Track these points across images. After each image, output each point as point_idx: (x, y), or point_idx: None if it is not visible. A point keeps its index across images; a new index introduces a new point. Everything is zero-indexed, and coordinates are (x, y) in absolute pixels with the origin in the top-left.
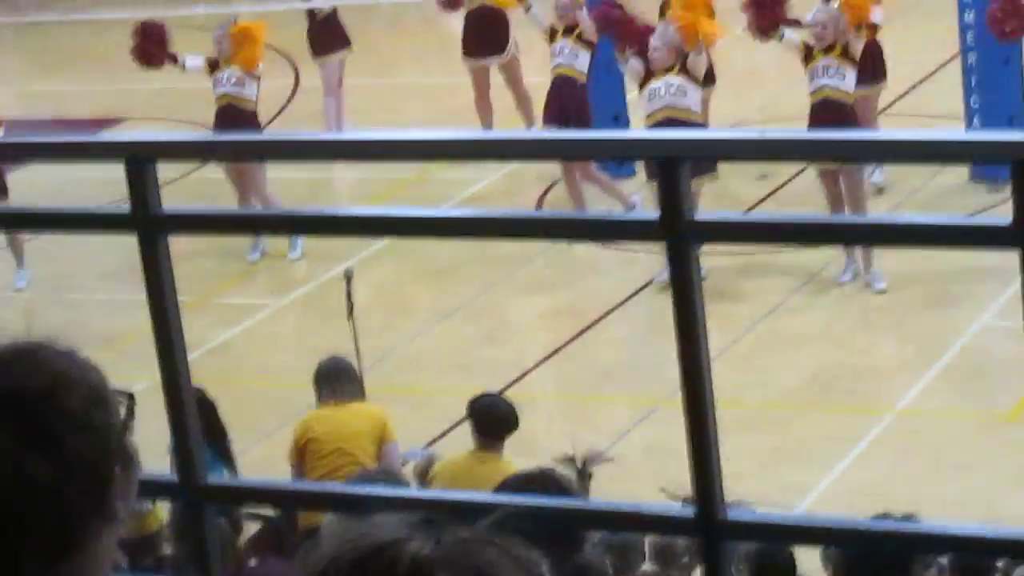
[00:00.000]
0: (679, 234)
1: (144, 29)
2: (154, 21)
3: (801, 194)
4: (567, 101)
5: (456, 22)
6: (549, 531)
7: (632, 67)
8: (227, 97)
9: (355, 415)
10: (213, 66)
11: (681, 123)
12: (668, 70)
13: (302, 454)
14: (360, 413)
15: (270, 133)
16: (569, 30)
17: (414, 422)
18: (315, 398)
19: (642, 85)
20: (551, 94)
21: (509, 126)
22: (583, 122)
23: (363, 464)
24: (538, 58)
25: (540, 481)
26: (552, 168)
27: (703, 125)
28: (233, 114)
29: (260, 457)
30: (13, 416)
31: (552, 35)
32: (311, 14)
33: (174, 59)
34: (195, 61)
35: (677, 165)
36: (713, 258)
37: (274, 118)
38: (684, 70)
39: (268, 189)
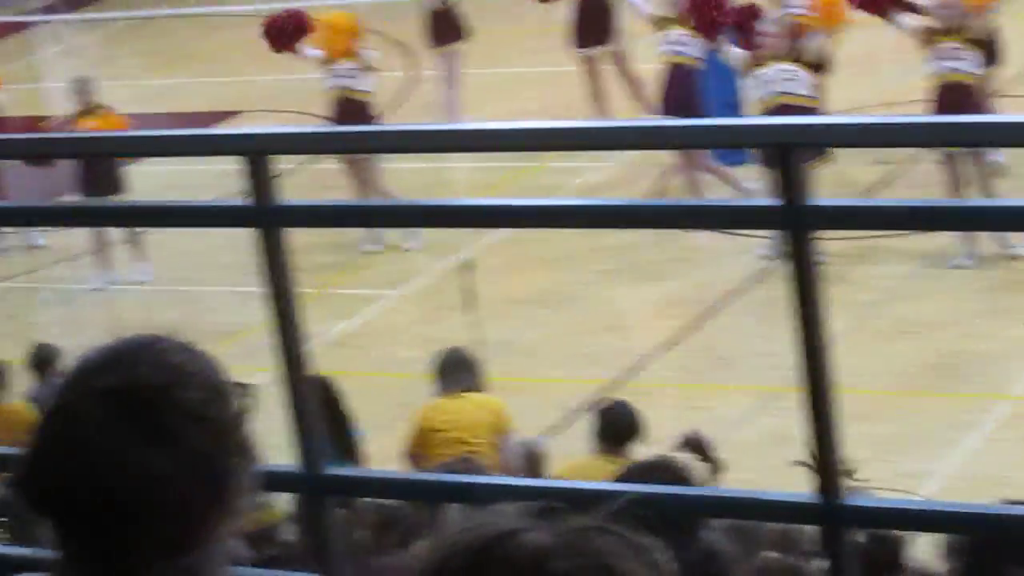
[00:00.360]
0: (797, 221)
1: (291, 13)
2: (301, 11)
3: (920, 177)
4: (680, 90)
5: (566, 11)
6: (668, 519)
7: (735, 56)
8: (341, 90)
9: (474, 405)
10: (327, 58)
11: (795, 109)
12: (779, 57)
13: (421, 444)
14: (479, 403)
15: (387, 125)
16: (684, 20)
17: (531, 412)
18: (435, 389)
19: (749, 70)
20: (664, 83)
21: (624, 115)
22: (696, 111)
23: (482, 454)
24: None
25: (661, 469)
26: (667, 157)
27: (816, 111)
28: (348, 106)
29: (378, 449)
30: (132, 410)
31: (662, 23)
32: (429, 6)
33: (293, 49)
34: (314, 51)
35: (792, 152)
36: (831, 243)
37: (391, 109)
38: (797, 56)
39: (384, 181)
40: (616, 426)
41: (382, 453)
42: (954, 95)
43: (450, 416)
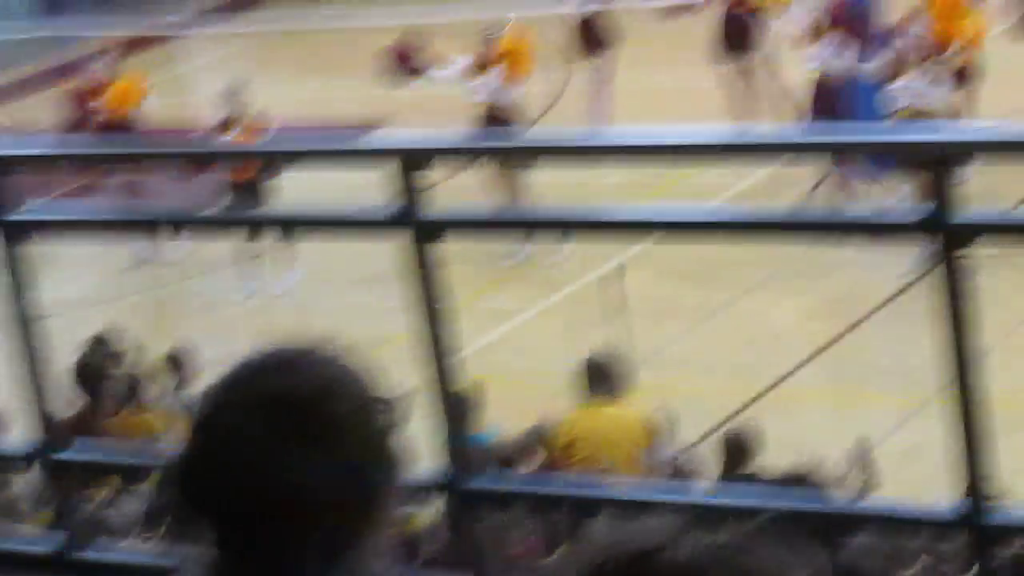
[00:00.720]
0: (948, 235)
1: (392, 50)
2: (404, 42)
3: None
4: (832, 99)
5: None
6: (811, 532)
7: (875, 68)
8: (488, 103)
9: (611, 421)
10: (471, 71)
11: (932, 118)
12: (916, 67)
13: (556, 460)
14: (616, 418)
15: (538, 134)
16: (832, 30)
17: (681, 421)
18: (578, 396)
19: (889, 80)
20: (815, 92)
21: (771, 123)
22: (848, 119)
23: (618, 470)
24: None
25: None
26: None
27: (954, 120)
28: (495, 117)
29: None
30: (285, 418)
31: (817, 33)
32: (579, 15)
33: (418, 71)
34: (444, 72)
35: (945, 165)
36: (982, 250)
37: (540, 118)
38: (931, 68)
39: (528, 191)
40: (737, 452)
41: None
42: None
43: (585, 433)
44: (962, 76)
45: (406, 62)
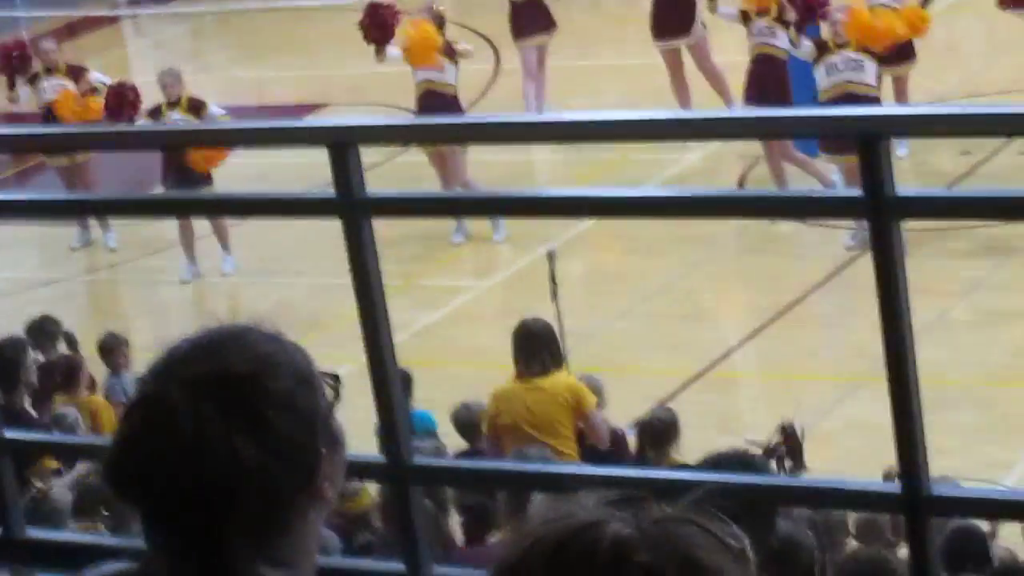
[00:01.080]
0: (882, 211)
1: (374, 9)
2: (384, 3)
3: (1004, 169)
4: (767, 80)
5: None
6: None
7: (805, 48)
8: (427, 83)
9: (549, 396)
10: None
11: (859, 98)
12: (846, 44)
13: (497, 436)
14: (554, 391)
15: (471, 116)
16: (765, 10)
17: (618, 401)
18: (515, 367)
19: (817, 59)
20: (751, 73)
21: (708, 106)
22: (783, 101)
23: (560, 445)
24: (730, 37)
25: (736, 460)
26: (752, 147)
27: (878, 100)
28: (434, 99)
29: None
30: (222, 398)
31: (745, 16)
32: None
33: (382, 48)
34: (395, 52)
35: (878, 142)
36: (913, 233)
37: (475, 102)
38: (862, 46)
39: (469, 173)
40: (654, 433)
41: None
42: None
43: (524, 408)
44: (892, 58)
45: (381, 30)
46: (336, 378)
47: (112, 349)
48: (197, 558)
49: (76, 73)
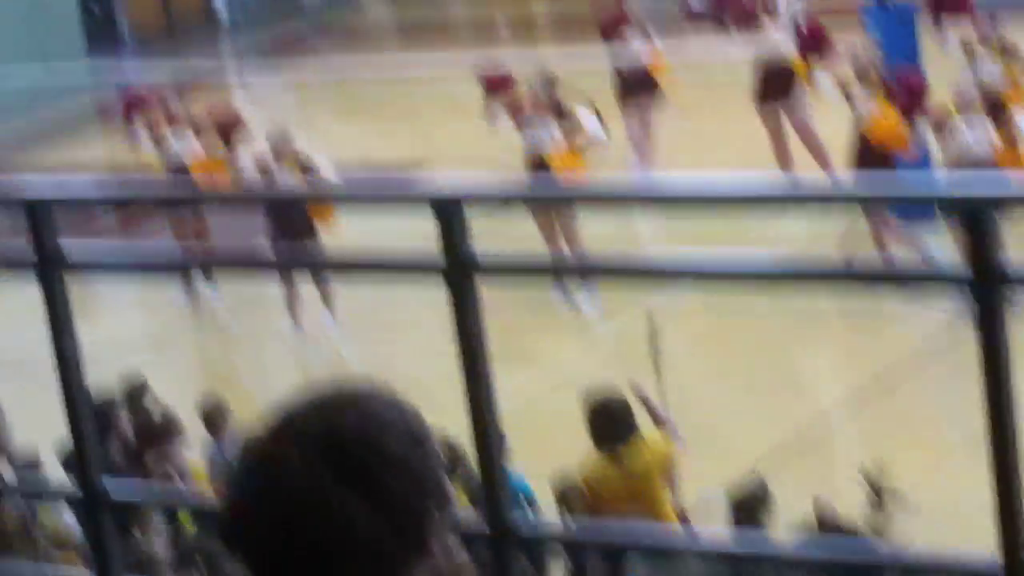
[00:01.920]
0: (989, 287)
1: (489, 80)
2: (503, 76)
3: None
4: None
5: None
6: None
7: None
8: (536, 150)
9: (640, 462)
10: (518, 120)
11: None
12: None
13: (596, 513)
14: (643, 458)
15: (581, 181)
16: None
17: (712, 468)
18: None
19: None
20: (855, 143)
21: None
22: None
23: (660, 508)
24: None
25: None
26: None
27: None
28: (543, 166)
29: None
30: (337, 458)
31: (845, 89)
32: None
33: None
34: (504, 119)
35: (986, 215)
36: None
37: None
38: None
39: (579, 235)
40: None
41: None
42: None
43: (619, 485)
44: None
45: (500, 92)
46: (450, 447)
47: (214, 415)
48: None
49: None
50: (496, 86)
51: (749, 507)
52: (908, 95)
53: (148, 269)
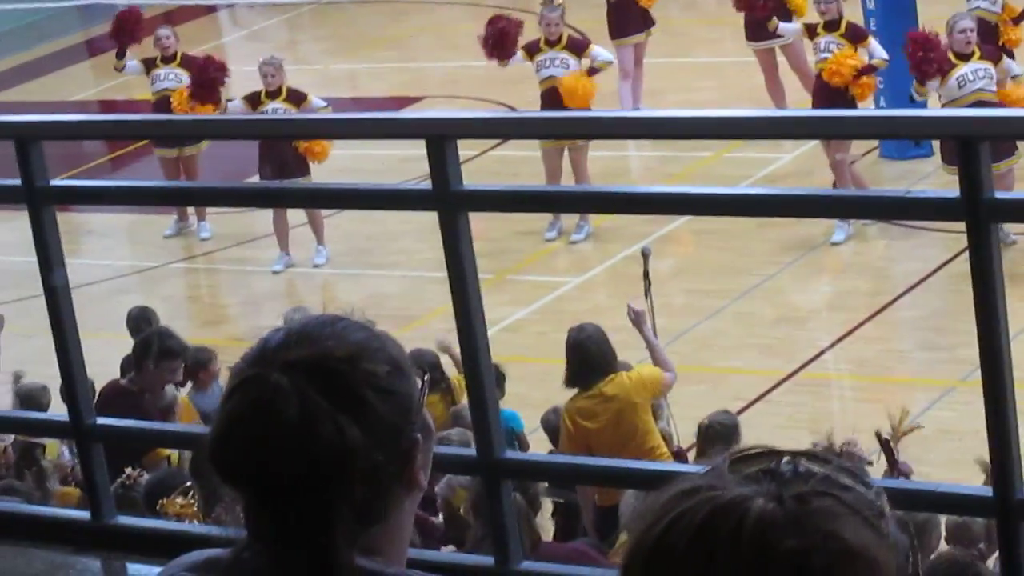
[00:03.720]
0: (979, 214)
1: (496, 24)
2: (508, 17)
3: None
4: (836, 96)
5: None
6: None
7: (931, 89)
8: (552, 80)
9: (624, 401)
10: (532, 50)
11: (991, 106)
12: (971, 56)
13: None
14: (627, 395)
15: (569, 111)
16: (832, 24)
17: (709, 401)
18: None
19: (945, 77)
20: (819, 89)
21: (802, 106)
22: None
23: (651, 439)
24: None
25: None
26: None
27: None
28: (557, 95)
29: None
30: (324, 380)
31: (812, 31)
32: None
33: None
34: (517, 58)
35: (976, 144)
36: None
37: None
38: (989, 55)
39: (588, 171)
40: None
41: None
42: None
43: (607, 423)
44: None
45: (503, 46)
46: (424, 371)
47: (204, 364)
48: (301, 544)
49: (190, 64)
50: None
51: (717, 441)
52: (921, 52)
53: (137, 203)
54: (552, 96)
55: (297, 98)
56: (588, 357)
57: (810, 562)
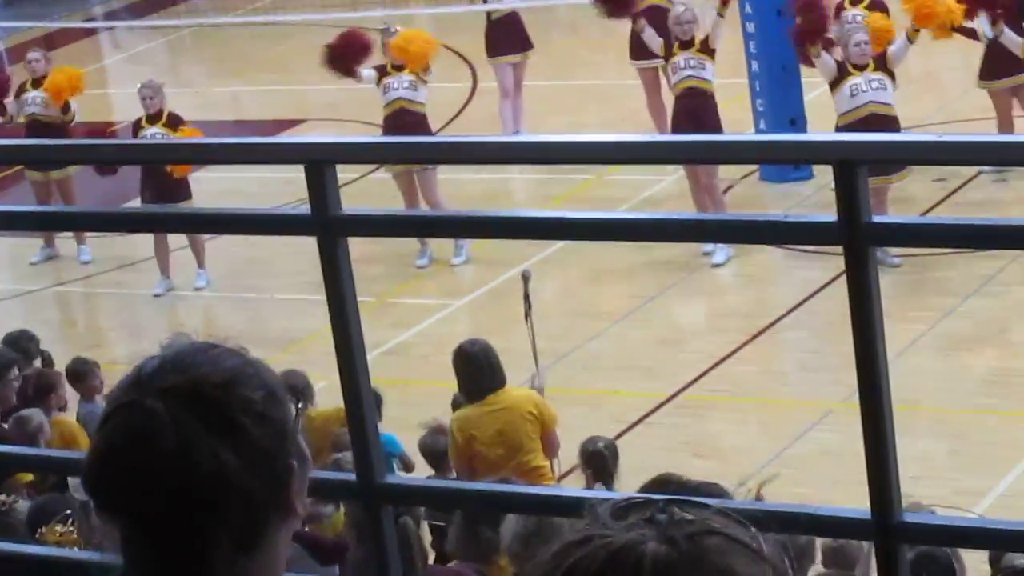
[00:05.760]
0: (857, 237)
1: (348, 37)
2: (358, 31)
3: (978, 197)
4: (701, 114)
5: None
6: None
7: (826, 63)
8: (400, 102)
9: (513, 412)
10: (382, 72)
11: (884, 119)
12: (866, 67)
13: (469, 463)
14: (517, 405)
15: (448, 136)
16: (686, 44)
17: (590, 423)
18: (462, 392)
19: (837, 82)
20: (680, 108)
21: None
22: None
23: (534, 458)
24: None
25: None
26: (730, 171)
27: (898, 121)
28: (404, 118)
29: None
30: (198, 406)
31: (668, 50)
32: (488, 16)
33: (354, 72)
34: (369, 72)
35: (854, 168)
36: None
37: (451, 121)
38: (882, 65)
39: (440, 194)
40: (596, 462)
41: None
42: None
43: (493, 431)
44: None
45: (349, 59)
46: (297, 397)
47: (84, 374)
48: (176, 572)
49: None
50: (358, 48)
51: (597, 465)
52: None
53: (16, 228)
54: (398, 118)
55: (175, 123)
56: (479, 369)
57: None
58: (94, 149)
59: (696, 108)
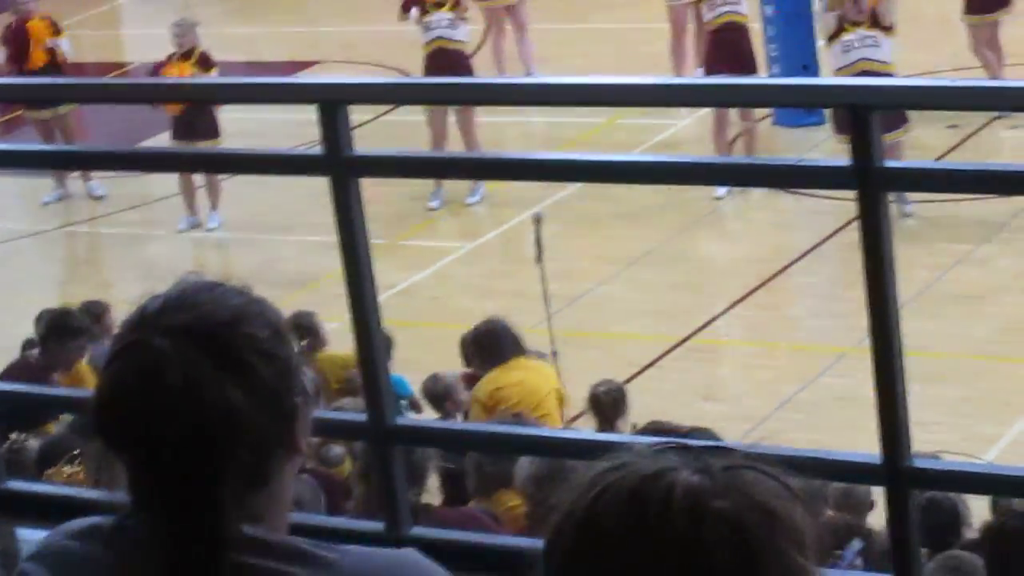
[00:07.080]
0: (870, 182)
1: None
2: None
3: (991, 143)
4: (738, 47)
5: None
6: None
7: (826, 20)
8: (439, 41)
9: (544, 376)
10: (422, 10)
11: (877, 75)
12: (860, 23)
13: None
14: (548, 376)
15: (462, 78)
16: None
17: (601, 367)
18: (479, 364)
19: (832, 38)
20: (718, 42)
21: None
22: (752, 69)
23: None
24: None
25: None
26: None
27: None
28: (444, 57)
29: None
30: (206, 344)
31: None
32: None
33: (408, 9)
34: (413, 12)
35: (868, 113)
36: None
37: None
38: (875, 22)
39: (476, 135)
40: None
41: None
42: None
43: (513, 389)
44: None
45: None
46: (302, 335)
47: (97, 316)
48: (185, 510)
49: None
50: None
51: (607, 409)
52: None
53: (26, 167)
54: (438, 57)
55: (206, 62)
56: (499, 340)
57: (743, 521)
58: (106, 88)
59: (735, 42)
